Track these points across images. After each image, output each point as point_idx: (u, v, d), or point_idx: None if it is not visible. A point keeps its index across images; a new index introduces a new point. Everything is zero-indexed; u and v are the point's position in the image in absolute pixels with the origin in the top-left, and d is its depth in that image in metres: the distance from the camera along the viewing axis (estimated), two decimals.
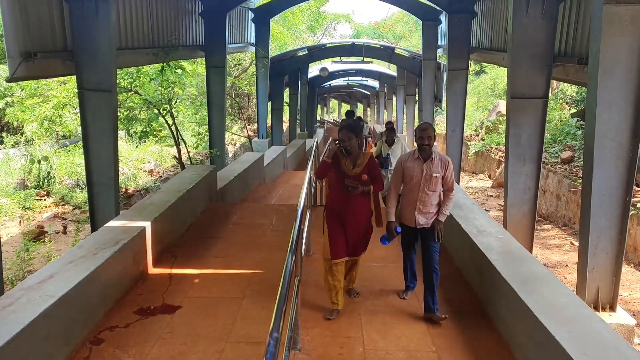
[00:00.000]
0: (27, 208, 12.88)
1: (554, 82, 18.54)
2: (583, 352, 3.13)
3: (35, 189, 14.12)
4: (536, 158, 7.97)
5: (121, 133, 20.55)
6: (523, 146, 7.92)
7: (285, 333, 2.94)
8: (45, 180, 14.68)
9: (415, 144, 4.75)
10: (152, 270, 5.52)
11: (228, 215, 7.67)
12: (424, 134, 4.59)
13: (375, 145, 12.42)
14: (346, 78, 36.69)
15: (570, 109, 19.12)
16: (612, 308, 5.91)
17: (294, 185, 12.10)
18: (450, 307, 4.79)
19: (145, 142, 21.67)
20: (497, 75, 27.99)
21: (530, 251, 7.85)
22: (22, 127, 18.82)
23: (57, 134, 19.02)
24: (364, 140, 11.36)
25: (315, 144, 9.17)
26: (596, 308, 5.83)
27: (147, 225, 5.45)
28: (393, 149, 9.68)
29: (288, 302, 2.84)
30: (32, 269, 8.66)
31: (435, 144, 4.87)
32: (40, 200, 13.63)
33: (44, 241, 10.54)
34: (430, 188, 4.61)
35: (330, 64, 28.24)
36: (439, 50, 17.37)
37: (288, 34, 34.74)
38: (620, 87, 5.43)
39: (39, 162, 14.92)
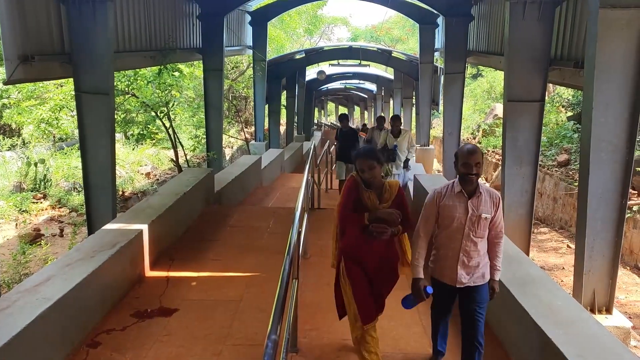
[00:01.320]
0: (23, 211, 12.84)
1: (551, 85, 18.61)
2: (579, 355, 3.14)
3: (31, 191, 14.09)
4: (533, 161, 8.00)
5: (118, 136, 20.51)
6: (520, 149, 7.94)
7: (283, 335, 2.94)
8: (42, 183, 14.65)
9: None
10: (150, 273, 5.51)
11: (225, 218, 7.66)
12: (470, 160, 3.37)
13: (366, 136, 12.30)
14: (343, 81, 36.74)
15: (566, 112, 19.18)
16: (609, 310, 5.93)
17: (291, 188, 12.10)
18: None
19: (142, 144, 21.63)
20: (493, 79, 28.06)
21: (527, 254, 7.86)
22: (19, 129, 18.79)
23: (54, 137, 18.98)
24: (356, 132, 11.00)
25: (312, 146, 9.17)
26: (592, 310, 5.85)
27: (145, 228, 5.45)
28: (399, 141, 9.17)
29: (286, 304, 2.85)
30: (29, 272, 8.64)
31: (432, 145, 4.52)
32: (37, 203, 13.60)
33: (40, 244, 10.51)
34: (478, 234, 3.47)
35: (327, 67, 28.27)
36: (436, 54, 17.43)
37: (285, 37, 34.76)
38: (617, 90, 5.46)
39: (35, 164, 14.88)
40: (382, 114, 20.82)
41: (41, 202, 13.72)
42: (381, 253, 3.66)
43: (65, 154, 17.82)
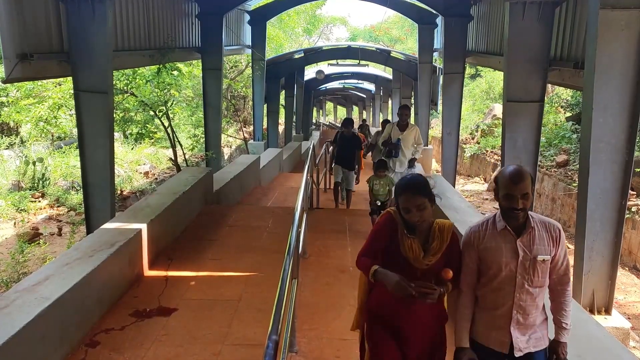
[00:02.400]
0: (21, 210, 12.81)
1: (549, 86, 18.64)
2: (579, 355, 3.13)
3: (30, 190, 14.06)
4: (532, 161, 8.00)
5: (117, 134, 20.50)
6: (519, 149, 7.95)
7: (283, 335, 2.94)
8: (40, 182, 14.61)
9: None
10: (148, 272, 5.50)
11: (224, 218, 7.65)
12: (514, 190, 2.52)
13: (368, 146, 12.04)
14: (342, 81, 36.74)
15: (565, 113, 19.19)
16: (608, 311, 5.93)
17: (289, 188, 12.10)
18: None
19: (140, 143, 21.63)
20: (492, 79, 28.07)
21: None
22: (18, 128, 18.77)
23: (52, 135, 18.95)
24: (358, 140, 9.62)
25: (311, 146, 9.18)
26: (592, 311, 5.85)
27: (143, 227, 5.44)
28: (404, 135, 8.38)
29: (286, 304, 2.84)
30: (27, 271, 8.61)
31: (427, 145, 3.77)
32: (35, 202, 13.57)
33: (38, 243, 10.49)
34: (535, 282, 2.62)
35: (326, 67, 28.27)
36: (435, 54, 17.44)
37: (284, 37, 34.75)
38: (616, 91, 5.46)
39: (33, 163, 14.85)
40: (388, 118, 20.67)
41: (39, 201, 13.69)
42: (425, 319, 2.74)
43: (64, 152, 17.79)
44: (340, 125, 10.00)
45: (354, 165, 9.18)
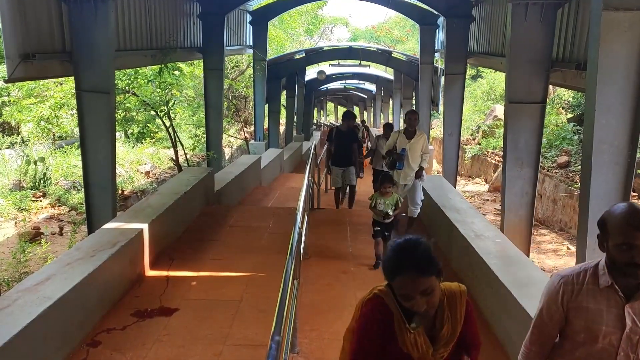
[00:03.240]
0: (23, 209, 12.82)
1: (551, 87, 18.63)
2: None
3: (31, 189, 14.06)
4: (534, 162, 7.99)
5: (118, 134, 20.49)
6: (520, 151, 7.93)
7: (285, 336, 2.94)
8: (42, 181, 14.62)
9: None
10: (149, 272, 5.51)
11: (225, 218, 7.66)
12: (636, 238, 1.90)
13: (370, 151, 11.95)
14: (343, 81, 36.75)
15: (566, 114, 19.18)
16: None
17: (290, 188, 12.11)
18: None
19: (142, 143, 21.62)
20: (493, 80, 28.04)
21: (528, 255, 7.85)
22: (19, 127, 18.79)
23: (54, 135, 18.96)
24: (359, 145, 9.13)
25: (313, 147, 9.17)
26: None
27: (145, 227, 5.44)
28: (411, 144, 7.37)
29: (288, 305, 2.84)
30: (29, 271, 8.62)
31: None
32: (36, 201, 13.57)
33: (40, 243, 10.48)
34: None
35: (327, 67, 28.28)
36: (436, 55, 17.43)
37: (285, 37, 34.77)
38: (619, 92, 5.45)
39: (35, 163, 14.86)
40: (391, 122, 20.39)
41: (41, 201, 13.69)
42: None
43: (65, 152, 17.79)
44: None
45: (352, 160, 8.73)
